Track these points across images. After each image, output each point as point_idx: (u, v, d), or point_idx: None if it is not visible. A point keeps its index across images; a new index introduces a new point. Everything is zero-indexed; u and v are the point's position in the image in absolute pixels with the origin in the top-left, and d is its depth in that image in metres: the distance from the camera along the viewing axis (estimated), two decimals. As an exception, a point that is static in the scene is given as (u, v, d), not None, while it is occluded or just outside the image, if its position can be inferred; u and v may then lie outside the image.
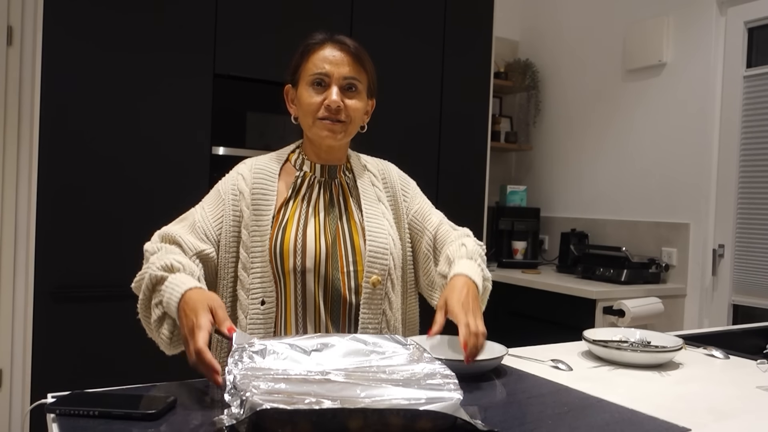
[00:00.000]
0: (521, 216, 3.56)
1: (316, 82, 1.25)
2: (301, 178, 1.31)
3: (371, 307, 1.26)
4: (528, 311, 3.02)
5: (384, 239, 1.29)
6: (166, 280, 1.10)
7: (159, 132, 2.39)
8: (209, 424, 0.84)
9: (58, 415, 0.87)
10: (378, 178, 1.38)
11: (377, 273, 1.27)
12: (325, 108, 1.24)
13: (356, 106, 1.28)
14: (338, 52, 1.26)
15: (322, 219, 1.28)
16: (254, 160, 1.34)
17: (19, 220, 2.55)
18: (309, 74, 1.26)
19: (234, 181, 1.30)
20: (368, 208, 1.31)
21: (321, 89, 1.25)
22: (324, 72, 1.24)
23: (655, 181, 3.13)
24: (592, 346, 1.33)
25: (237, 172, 1.32)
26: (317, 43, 1.27)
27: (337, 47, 1.26)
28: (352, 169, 1.37)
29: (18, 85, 2.53)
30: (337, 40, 1.27)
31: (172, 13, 2.40)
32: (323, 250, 1.24)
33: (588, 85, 3.53)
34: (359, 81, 1.28)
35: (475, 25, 3.16)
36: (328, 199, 1.31)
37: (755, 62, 2.80)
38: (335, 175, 1.34)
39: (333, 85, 1.25)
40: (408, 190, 1.41)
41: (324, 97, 1.25)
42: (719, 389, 1.15)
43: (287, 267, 1.23)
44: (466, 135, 3.16)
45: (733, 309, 2.85)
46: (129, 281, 1.22)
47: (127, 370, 2.31)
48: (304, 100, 1.26)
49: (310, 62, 1.26)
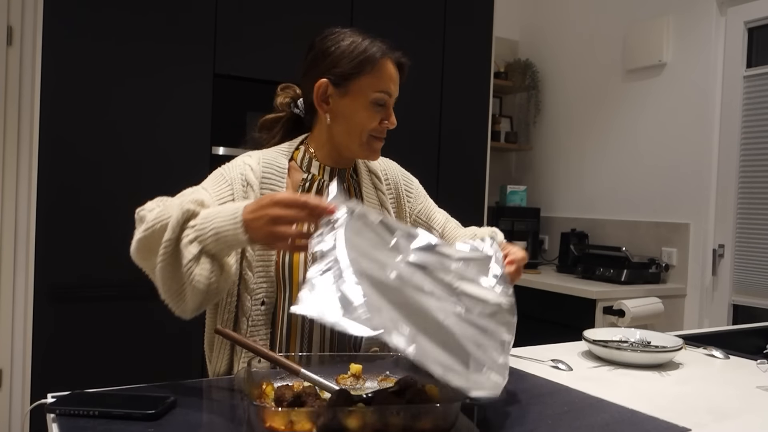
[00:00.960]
0: (521, 216, 3.56)
1: (380, 102, 1.20)
2: (309, 182, 1.25)
3: None
4: (528, 311, 3.02)
5: None
6: (202, 214, 0.98)
7: (159, 132, 2.39)
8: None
9: (58, 415, 0.87)
10: (381, 179, 1.35)
11: None
12: (383, 130, 1.22)
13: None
14: (396, 69, 1.22)
15: None
16: (261, 153, 1.26)
17: (19, 220, 2.55)
18: (372, 90, 1.18)
19: (242, 170, 1.20)
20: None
21: (381, 109, 1.21)
22: (389, 92, 1.20)
23: (655, 181, 3.13)
24: (592, 346, 1.33)
25: (244, 162, 1.22)
26: (383, 56, 1.19)
27: (396, 64, 1.22)
28: (357, 172, 1.34)
29: (18, 85, 2.53)
30: (398, 57, 1.22)
31: (172, 13, 2.40)
32: None
33: (588, 85, 3.53)
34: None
35: (475, 25, 3.16)
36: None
37: (755, 62, 2.80)
38: (344, 178, 1.30)
39: (389, 107, 1.22)
40: (411, 189, 1.40)
41: (382, 117, 1.21)
42: (719, 389, 1.15)
43: (296, 279, 1.18)
44: (466, 135, 3.16)
45: (733, 309, 2.85)
46: (129, 281, 1.22)
47: (127, 370, 2.31)
48: (362, 115, 1.20)
49: (374, 77, 1.18)
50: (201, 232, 0.96)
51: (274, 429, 0.75)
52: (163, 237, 0.98)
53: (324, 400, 0.86)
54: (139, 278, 1.16)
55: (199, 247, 0.97)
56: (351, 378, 0.99)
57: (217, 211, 0.98)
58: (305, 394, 0.84)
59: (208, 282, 0.98)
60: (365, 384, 0.99)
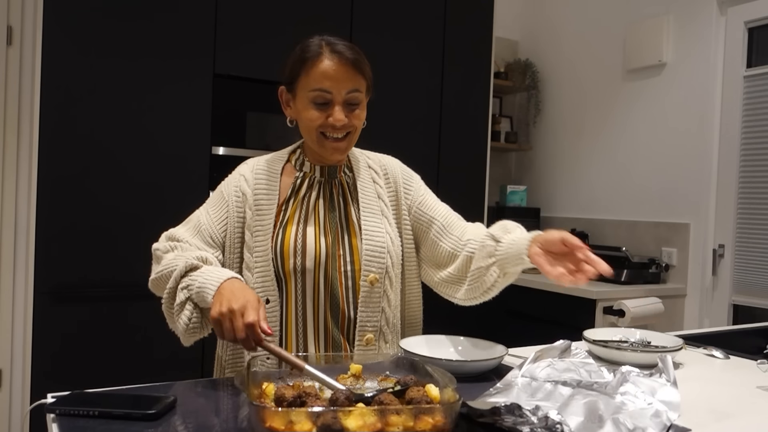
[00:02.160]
0: (521, 216, 3.56)
1: (318, 101, 1.21)
2: (300, 179, 1.31)
3: (369, 306, 1.26)
4: (528, 311, 3.02)
5: (381, 238, 1.28)
6: (200, 269, 1.14)
7: (159, 132, 2.39)
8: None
9: (58, 415, 0.87)
10: (380, 174, 1.36)
11: (375, 271, 1.26)
12: (331, 127, 1.22)
13: (359, 116, 1.25)
14: (337, 65, 1.19)
15: (322, 219, 1.28)
16: (255, 161, 1.34)
17: (19, 220, 2.55)
18: (308, 89, 1.21)
19: (237, 183, 1.30)
20: (366, 207, 1.31)
21: (324, 107, 1.21)
22: (325, 89, 1.20)
23: (655, 181, 3.13)
24: (592, 346, 1.33)
25: (239, 173, 1.32)
26: (314, 55, 1.20)
27: (335, 59, 1.19)
28: (351, 167, 1.36)
29: (18, 85, 2.53)
30: (335, 50, 1.20)
31: (172, 13, 2.40)
32: (323, 251, 1.25)
33: (588, 85, 3.52)
34: (360, 90, 1.23)
35: (475, 25, 3.16)
36: (328, 200, 1.30)
37: (755, 62, 2.80)
38: (335, 174, 1.33)
39: (336, 104, 1.20)
40: (411, 184, 1.40)
41: (327, 115, 1.21)
42: (719, 389, 1.15)
43: (287, 267, 1.23)
44: (466, 135, 3.16)
45: (733, 309, 2.85)
46: (129, 281, 1.23)
47: (127, 370, 2.31)
48: (305, 116, 1.22)
49: (310, 77, 1.20)
50: (190, 283, 1.12)
51: (274, 429, 0.75)
52: (167, 284, 1.16)
53: (324, 400, 0.86)
54: (139, 278, 1.17)
55: (187, 294, 1.13)
56: (351, 378, 0.99)
57: (210, 270, 1.14)
58: (305, 394, 0.84)
59: (187, 324, 1.13)
60: (365, 384, 0.99)
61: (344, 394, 0.83)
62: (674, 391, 0.96)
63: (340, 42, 1.23)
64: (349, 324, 1.26)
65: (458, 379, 0.91)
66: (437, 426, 0.78)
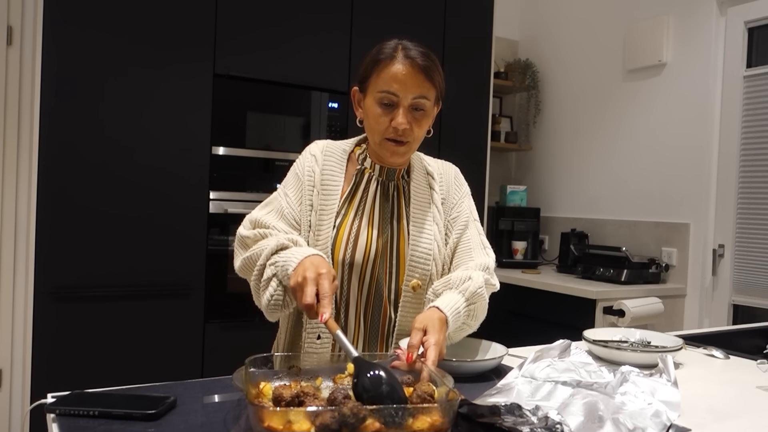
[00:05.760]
0: (521, 216, 3.56)
1: (384, 102, 1.23)
2: (360, 173, 1.34)
3: (409, 311, 1.28)
4: (528, 311, 3.02)
5: (428, 245, 1.30)
6: (290, 249, 1.15)
7: (159, 132, 2.39)
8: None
9: (58, 415, 0.87)
10: (436, 180, 1.40)
11: (418, 277, 1.29)
12: (393, 130, 1.23)
13: (423, 124, 1.26)
14: (408, 69, 1.21)
15: (377, 218, 1.30)
16: (325, 143, 1.37)
17: (19, 220, 2.55)
18: (377, 90, 1.23)
19: (309, 162, 1.32)
20: (416, 213, 1.33)
21: (389, 109, 1.23)
22: (392, 92, 1.22)
23: (655, 181, 3.13)
24: (592, 346, 1.33)
25: (310, 153, 1.34)
26: (387, 57, 1.22)
27: (407, 63, 1.21)
28: (409, 172, 1.38)
29: (18, 85, 2.53)
30: (408, 55, 1.22)
31: (172, 13, 2.40)
32: (373, 249, 1.27)
33: (588, 85, 3.52)
34: (427, 98, 1.24)
35: (475, 25, 3.16)
36: (383, 199, 1.32)
37: (755, 62, 2.80)
38: (393, 177, 1.35)
39: (401, 106, 1.22)
40: (458, 193, 1.42)
41: (391, 118, 1.23)
42: (719, 389, 1.15)
43: (336, 258, 1.26)
44: (466, 135, 3.15)
45: (733, 309, 2.84)
46: (129, 281, 1.23)
47: (127, 370, 2.31)
48: (372, 116, 1.25)
49: (380, 78, 1.23)
50: (277, 260, 1.14)
51: (272, 429, 0.75)
52: (258, 262, 1.18)
53: (322, 399, 0.86)
54: (139, 278, 1.17)
55: (273, 271, 1.15)
56: (348, 378, 0.99)
57: (297, 250, 1.15)
58: (303, 394, 0.84)
59: (269, 300, 1.15)
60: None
61: (342, 393, 0.83)
62: (674, 391, 0.96)
63: (415, 47, 1.24)
64: (387, 327, 1.29)
65: (458, 379, 0.92)
66: (435, 425, 0.78)
